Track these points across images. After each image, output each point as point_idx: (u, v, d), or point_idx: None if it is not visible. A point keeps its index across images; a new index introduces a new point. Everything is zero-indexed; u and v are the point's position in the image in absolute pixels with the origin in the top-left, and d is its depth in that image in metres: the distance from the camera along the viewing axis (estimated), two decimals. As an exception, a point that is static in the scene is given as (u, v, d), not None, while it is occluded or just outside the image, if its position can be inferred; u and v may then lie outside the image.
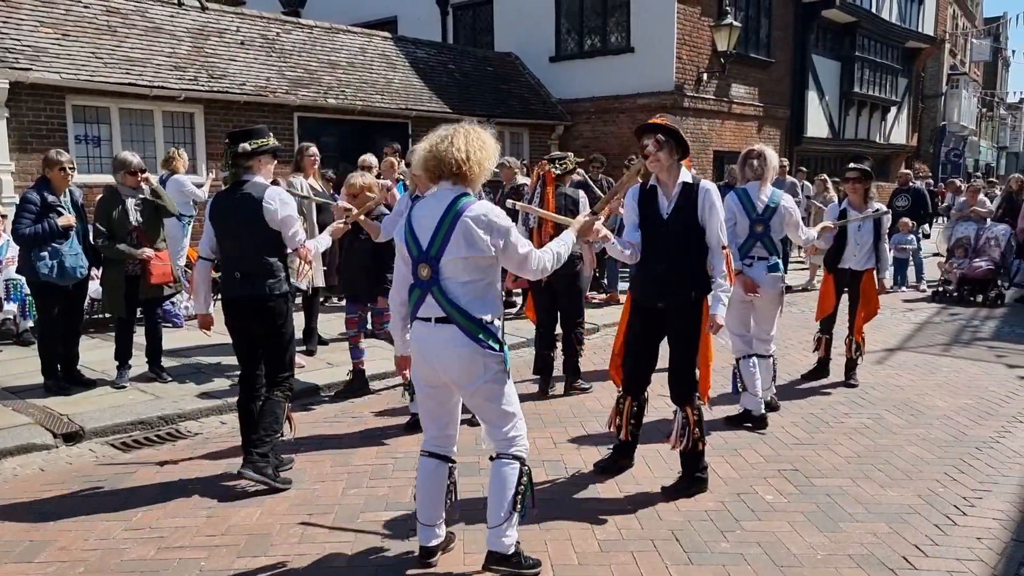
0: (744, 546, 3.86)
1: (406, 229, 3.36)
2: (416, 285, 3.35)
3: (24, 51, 9.23)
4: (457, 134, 3.27)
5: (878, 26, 20.26)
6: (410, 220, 3.36)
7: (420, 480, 3.57)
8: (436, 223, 3.26)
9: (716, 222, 4.30)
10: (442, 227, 3.24)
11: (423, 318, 3.34)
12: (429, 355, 3.34)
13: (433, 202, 3.32)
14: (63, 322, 6.16)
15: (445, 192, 3.29)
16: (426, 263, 3.28)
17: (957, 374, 7.25)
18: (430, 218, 3.28)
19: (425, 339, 3.35)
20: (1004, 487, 4.61)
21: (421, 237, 3.30)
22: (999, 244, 11.61)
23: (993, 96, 44.76)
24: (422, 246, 3.29)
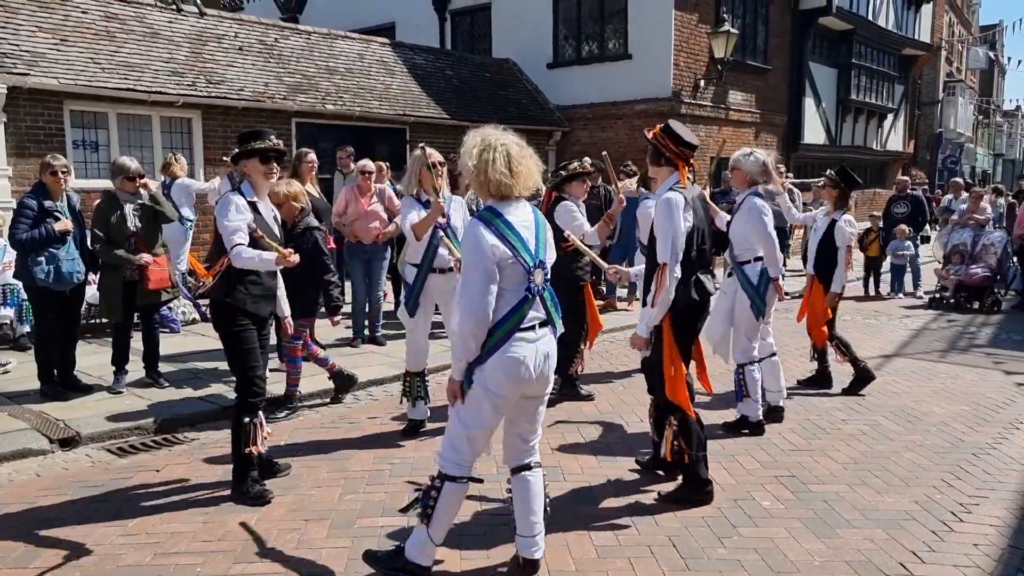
0: (741, 552, 3.86)
1: (512, 236, 3.19)
2: (529, 294, 3.24)
3: (22, 56, 9.23)
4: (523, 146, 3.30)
5: (875, 33, 20.32)
6: (511, 227, 3.21)
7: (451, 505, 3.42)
8: (535, 228, 3.30)
9: (659, 236, 4.17)
10: (540, 231, 3.31)
11: (528, 327, 3.25)
12: (536, 365, 3.27)
13: (522, 207, 3.31)
14: (60, 327, 6.15)
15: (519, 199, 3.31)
16: (541, 268, 3.27)
17: (954, 380, 7.25)
18: (527, 224, 3.28)
19: (529, 349, 3.25)
20: (1001, 493, 4.61)
21: (530, 243, 3.25)
22: (996, 251, 11.64)
23: (989, 103, 44.91)
24: (532, 251, 3.25)
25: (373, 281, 8.12)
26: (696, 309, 4.37)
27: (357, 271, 8.05)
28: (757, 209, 5.43)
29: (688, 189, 4.30)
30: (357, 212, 7.88)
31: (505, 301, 3.22)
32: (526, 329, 3.24)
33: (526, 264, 3.21)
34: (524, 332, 3.23)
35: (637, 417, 6.02)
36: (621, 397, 6.64)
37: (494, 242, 3.14)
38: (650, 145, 4.36)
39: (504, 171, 3.20)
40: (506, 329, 3.21)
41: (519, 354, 3.21)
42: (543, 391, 3.41)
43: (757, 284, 5.51)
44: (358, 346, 8.00)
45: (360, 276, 8.05)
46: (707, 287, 4.37)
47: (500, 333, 3.21)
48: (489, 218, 3.21)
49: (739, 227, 5.55)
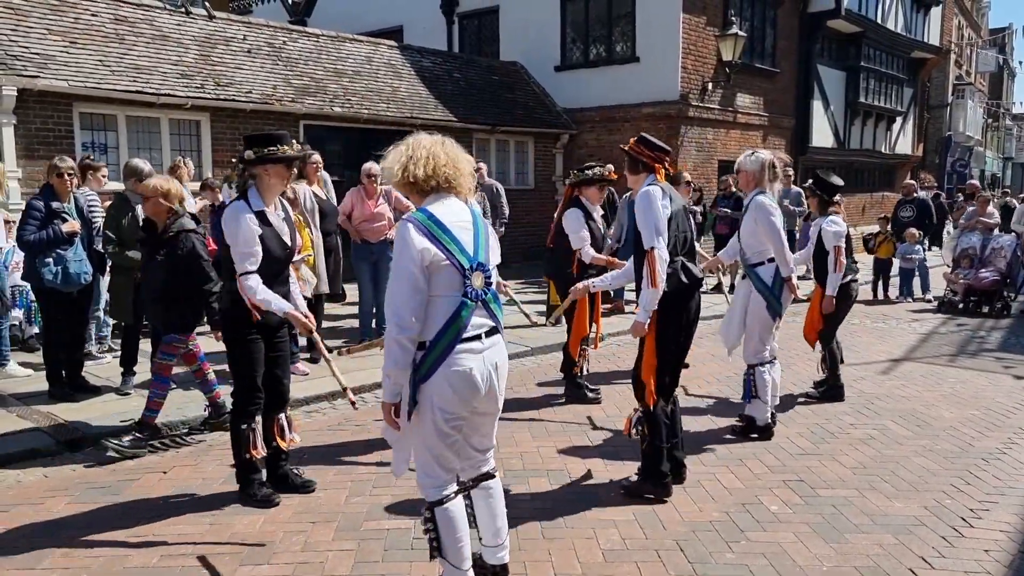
0: (749, 557, 3.83)
1: (445, 237, 2.96)
2: (467, 300, 2.99)
3: (32, 59, 9.28)
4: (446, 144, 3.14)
5: (883, 36, 20.25)
6: (444, 227, 2.98)
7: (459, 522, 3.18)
8: (474, 228, 3.07)
9: (642, 226, 4.23)
10: (480, 231, 3.08)
11: (473, 336, 3.01)
12: (485, 376, 3.04)
13: (457, 206, 3.09)
14: (68, 328, 6.16)
15: (452, 198, 3.10)
16: (480, 271, 3.03)
17: (963, 385, 7.21)
18: (464, 223, 3.06)
19: (476, 360, 3.00)
20: (1011, 499, 4.58)
21: (467, 244, 3.02)
22: (1005, 255, 11.58)
23: (999, 106, 44.74)
24: (470, 253, 3.02)
25: (380, 282, 8.11)
26: (685, 294, 4.40)
27: (363, 272, 8.05)
28: (764, 209, 5.41)
29: (667, 186, 4.45)
30: (363, 214, 7.90)
31: (441, 309, 2.97)
32: (470, 339, 2.99)
33: (461, 267, 2.97)
34: (469, 343, 2.98)
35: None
36: (628, 399, 6.61)
37: (424, 245, 2.92)
38: (627, 156, 4.48)
39: (416, 159, 3.02)
40: (447, 339, 2.96)
41: (464, 366, 2.97)
42: (495, 407, 3.18)
43: (772, 285, 5.49)
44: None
45: (367, 277, 8.05)
46: (693, 271, 4.44)
47: (442, 344, 2.96)
48: (420, 219, 2.97)
49: (748, 228, 5.53)
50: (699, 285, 4.49)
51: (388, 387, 3.03)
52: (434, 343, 2.97)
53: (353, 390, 6.51)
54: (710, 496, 4.57)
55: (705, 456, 5.23)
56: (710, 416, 6.12)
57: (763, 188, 5.49)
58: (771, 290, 5.49)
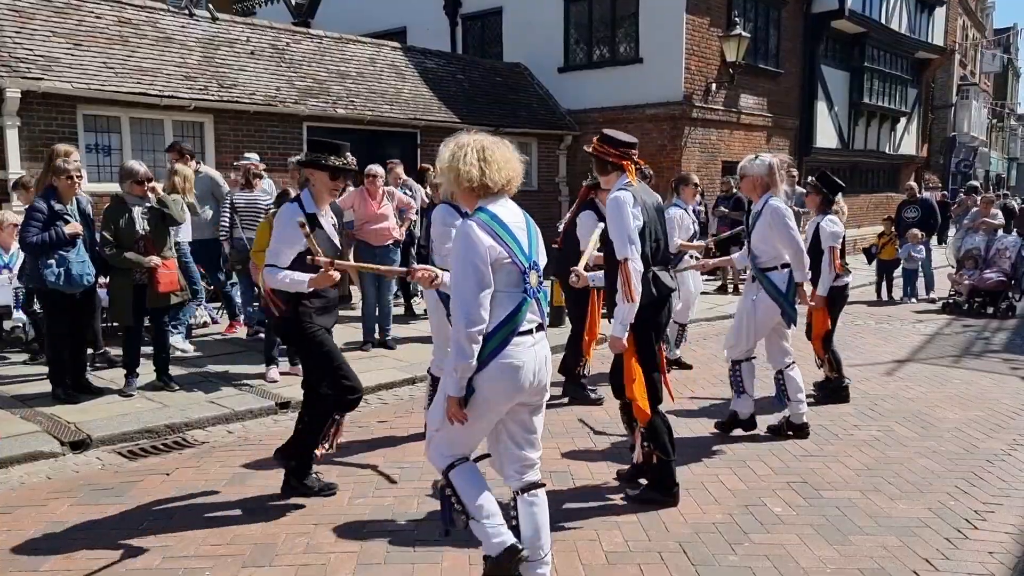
0: (752, 559, 3.82)
1: (507, 236, 3.08)
2: (527, 296, 3.13)
3: (36, 61, 9.30)
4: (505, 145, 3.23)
5: (887, 37, 20.21)
6: (506, 227, 3.10)
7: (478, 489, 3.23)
8: (527, 229, 3.20)
9: (613, 235, 4.16)
10: (532, 232, 3.22)
11: (526, 331, 3.13)
12: (536, 369, 3.15)
13: (512, 208, 3.21)
14: (70, 330, 6.17)
15: (506, 199, 3.22)
16: (535, 269, 3.17)
17: (968, 386, 7.19)
18: (520, 224, 3.18)
19: (529, 353, 3.13)
20: (1016, 500, 4.56)
21: (524, 244, 3.14)
22: (1010, 255, 11.55)
23: (1003, 107, 44.63)
24: (527, 253, 3.14)
25: (383, 284, 8.13)
26: (656, 305, 4.35)
27: (367, 275, 8.05)
28: (780, 213, 5.33)
29: (638, 187, 4.31)
30: (365, 215, 7.90)
31: (502, 304, 3.08)
32: (524, 333, 3.12)
33: (522, 265, 3.10)
34: (522, 336, 3.12)
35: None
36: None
37: (490, 243, 3.02)
38: (593, 158, 4.41)
39: (474, 161, 3.09)
40: (504, 333, 3.07)
41: (519, 359, 3.09)
42: (541, 398, 3.28)
43: (786, 291, 5.42)
44: (368, 350, 8.00)
45: (370, 279, 8.05)
46: (665, 282, 4.39)
47: (498, 337, 3.07)
48: (484, 219, 3.08)
49: (761, 233, 5.44)
50: (670, 296, 4.47)
51: (455, 382, 3.06)
52: (491, 335, 3.06)
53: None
54: (713, 498, 4.56)
55: (708, 458, 5.22)
56: (713, 418, 6.10)
57: (774, 192, 5.42)
58: (784, 296, 5.42)
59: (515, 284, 3.11)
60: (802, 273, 5.47)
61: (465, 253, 3.02)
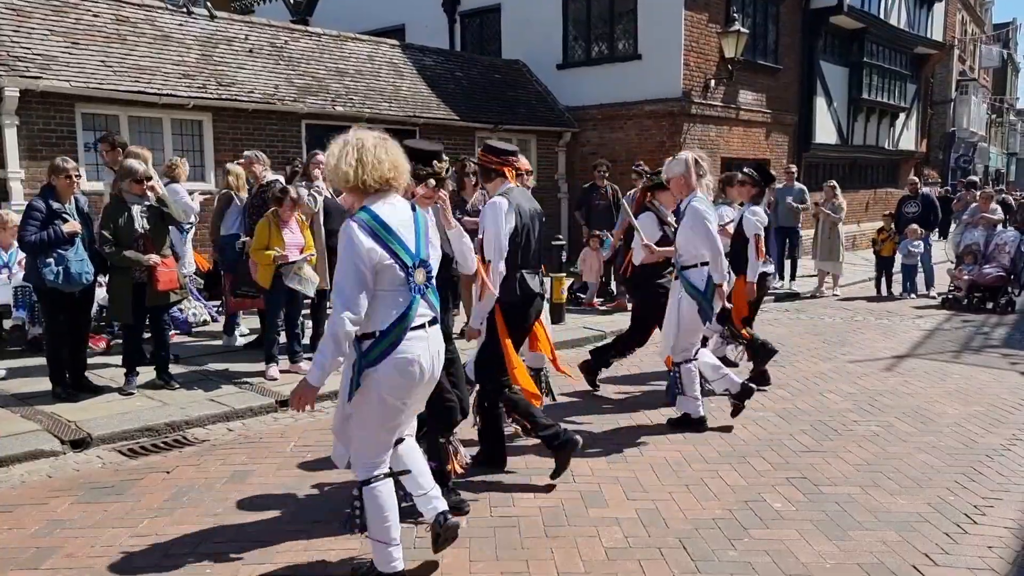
0: (752, 554, 3.83)
1: (389, 237, 3.15)
2: (415, 295, 3.23)
3: (34, 59, 9.28)
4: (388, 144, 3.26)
5: (886, 32, 20.19)
6: (388, 228, 3.16)
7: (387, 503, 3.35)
8: (415, 226, 3.28)
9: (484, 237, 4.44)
10: (420, 229, 3.30)
11: (418, 326, 3.24)
12: (428, 362, 3.28)
13: (400, 206, 3.28)
14: (70, 329, 6.17)
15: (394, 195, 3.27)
16: (422, 267, 3.27)
17: (967, 381, 7.19)
18: (406, 222, 3.25)
19: (422, 347, 3.25)
20: (1015, 495, 4.56)
21: (409, 242, 3.22)
22: (1009, 250, 11.55)
23: (1003, 102, 44.62)
24: (413, 251, 3.23)
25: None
26: (520, 306, 4.70)
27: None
28: (699, 215, 5.47)
29: (517, 192, 4.66)
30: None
31: (393, 303, 3.18)
32: (416, 328, 3.22)
33: (405, 264, 3.18)
34: (415, 331, 3.22)
35: (648, 419, 6.00)
36: (635, 398, 6.61)
37: (370, 245, 3.09)
38: (478, 167, 4.74)
39: (351, 161, 3.13)
40: (398, 331, 3.17)
41: (413, 353, 3.20)
42: (432, 387, 3.45)
43: (704, 289, 5.53)
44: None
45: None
46: (530, 285, 4.70)
47: (392, 336, 3.17)
48: (364, 219, 3.13)
49: (684, 233, 5.57)
50: (533, 298, 4.76)
51: (321, 375, 3.12)
52: (385, 333, 3.16)
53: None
54: (713, 494, 4.57)
55: (708, 454, 5.23)
56: (711, 414, 6.11)
57: (695, 190, 5.58)
58: (703, 294, 5.53)
59: (401, 283, 3.19)
60: (720, 275, 5.52)
61: (346, 254, 3.10)
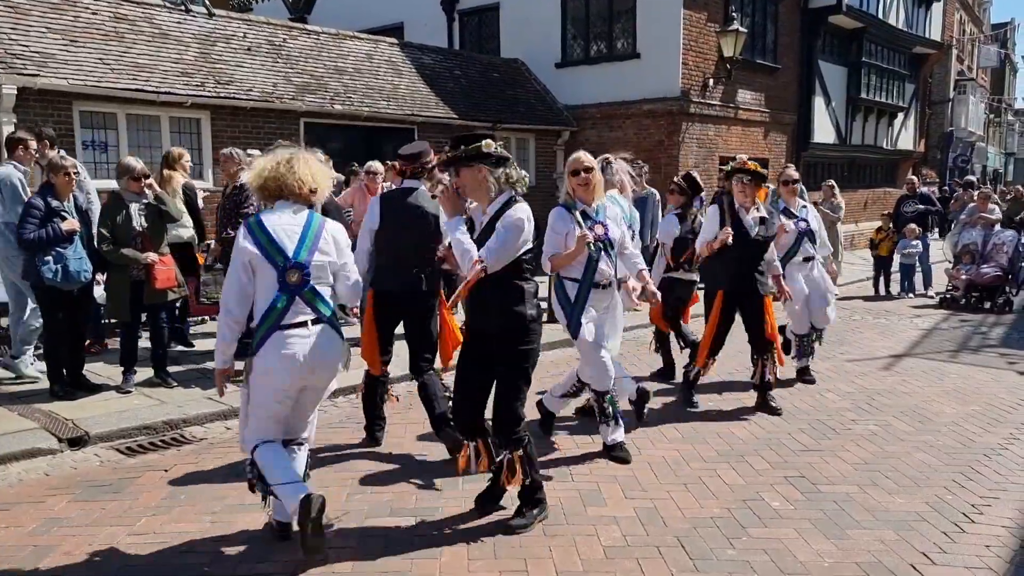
0: (750, 553, 3.83)
1: (264, 239, 3.54)
2: (281, 293, 3.53)
3: (32, 57, 9.27)
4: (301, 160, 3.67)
5: (885, 32, 20.20)
6: (265, 230, 3.56)
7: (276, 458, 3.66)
8: (303, 232, 3.61)
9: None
10: (308, 235, 3.61)
11: (292, 324, 3.53)
12: (302, 358, 3.53)
13: (291, 213, 3.64)
14: (68, 327, 6.16)
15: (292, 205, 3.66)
16: (297, 269, 3.55)
17: (965, 380, 7.20)
18: (292, 227, 3.60)
19: (296, 343, 3.52)
20: (1013, 494, 4.57)
21: (287, 246, 3.56)
22: (1007, 250, 11.56)
23: (1001, 102, 44.64)
24: (290, 254, 3.55)
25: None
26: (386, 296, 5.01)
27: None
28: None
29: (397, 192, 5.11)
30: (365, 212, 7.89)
31: (265, 299, 3.55)
32: (295, 325, 3.53)
33: (277, 264, 3.51)
34: (295, 328, 3.53)
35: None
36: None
37: (244, 244, 3.53)
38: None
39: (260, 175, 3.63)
40: (268, 323, 3.53)
41: (287, 348, 3.51)
42: (318, 383, 3.70)
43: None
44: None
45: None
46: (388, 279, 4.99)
47: (264, 327, 3.54)
48: (250, 224, 3.61)
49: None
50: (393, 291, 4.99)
51: (218, 357, 3.67)
52: (259, 325, 3.56)
53: (355, 388, 6.58)
54: (711, 492, 4.57)
55: (706, 453, 5.23)
56: (709, 411, 6.11)
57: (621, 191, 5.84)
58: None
59: (273, 282, 3.54)
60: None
61: (233, 254, 3.61)
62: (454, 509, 4.31)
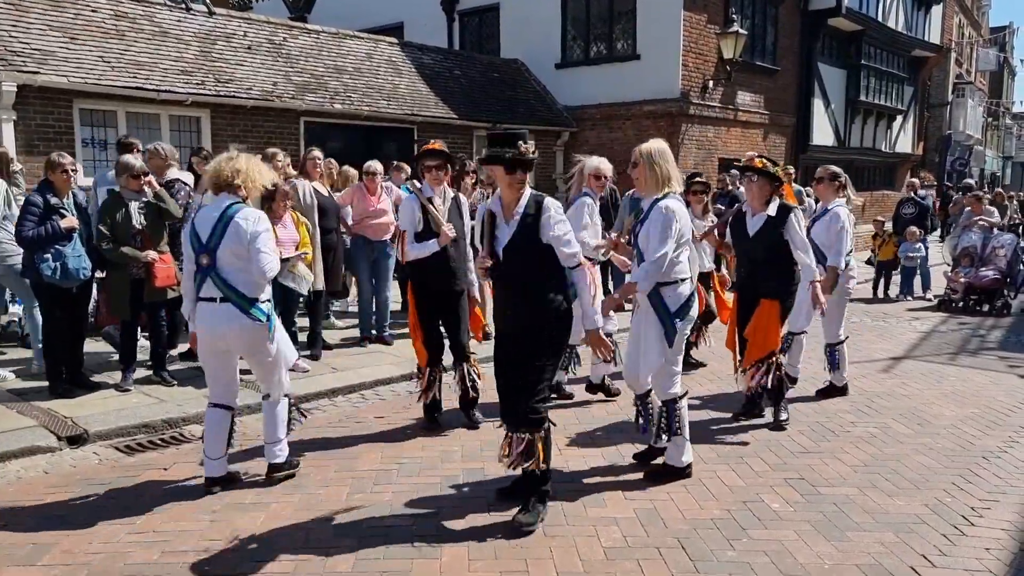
0: (751, 555, 3.83)
1: (189, 228, 4.34)
2: (197, 272, 4.28)
3: (32, 54, 9.26)
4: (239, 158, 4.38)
5: (884, 35, 20.24)
6: (192, 222, 4.35)
7: (209, 426, 4.46)
8: (214, 223, 4.25)
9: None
10: (219, 227, 4.23)
11: (206, 298, 4.28)
12: (214, 328, 4.29)
13: (215, 206, 4.32)
14: (67, 324, 6.15)
15: (223, 200, 4.32)
16: (206, 253, 4.24)
17: (964, 383, 7.21)
18: (208, 219, 4.28)
19: (205, 314, 4.30)
20: (1012, 497, 4.57)
21: (202, 234, 4.26)
22: (1006, 253, 11.57)
23: (999, 105, 44.70)
24: (202, 240, 4.25)
25: (380, 280, 8.12)
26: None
27: (363, 270, 8.05)
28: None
29: None
30: (364, 210, 7.89)
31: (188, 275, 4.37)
32: (205, 299, 4.29)
33: (192, 248, 4.29)
34: (204, 302, 4.30)
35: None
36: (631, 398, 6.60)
37: (185, 232, 4.43)
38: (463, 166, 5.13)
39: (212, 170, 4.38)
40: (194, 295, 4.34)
41: (201, 315, 4.33)
42: (240, 351, 4.45)
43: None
44: (366, 346, 7.99)
45: (366, 274, 8.05)
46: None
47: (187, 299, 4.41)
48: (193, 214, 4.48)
49: None
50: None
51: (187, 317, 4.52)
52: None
53: (352, 388, 6.60)
54: (711, 494, 4.57)
55: (706, 454, 5.22)
56: (710, 412, 6.11)
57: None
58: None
59: (192, 261, 4.32)
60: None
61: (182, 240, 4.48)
62: (455, 509, 4.31)
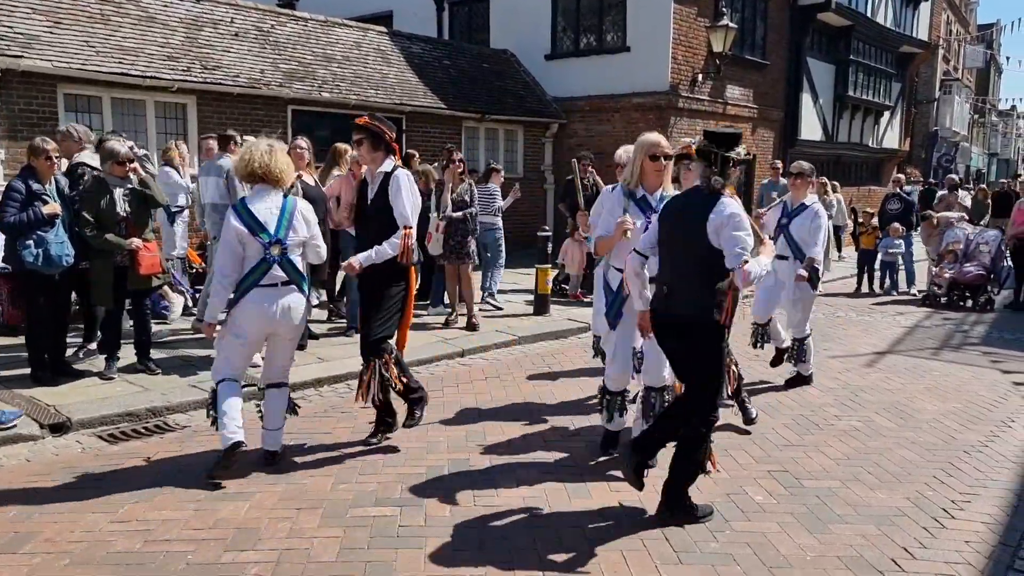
0: (733, 546, 3.86)
1: (251, 220, 4.45)
2: (265, 259, 4.45)
3: (16, 38, 9.14)
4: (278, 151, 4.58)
5: (873, 30, 20.30)
6: (251, 213, 4.46)
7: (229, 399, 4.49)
8: (280, 214, 4.53)
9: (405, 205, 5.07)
10: (284, 217, 4.53)
11: (269, 284, 4.47)
12: (273, 310, 4.47)
13: (272, 197, 4.56)
14: (50, 312, 6.09)
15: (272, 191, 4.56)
16: (278, 244, 4.48)
17: (947, 378, 7.27)
18: (272, 210, 4.52)
19: (269, 298, 4.46)
20: (992, 491, 4.62)
21: (270, 225, 4.48)
22: (990, 249, 11.66)
23: (985, 102, 45.00)
24: (272, 232, 4.47)
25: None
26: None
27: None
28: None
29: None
30: (351, 201, 7.83)
31: (248, 265, 4.46)
32: (268, 286, 4.46)
33: (263, 241, 4.44)
34: (266, 288, 4.46)
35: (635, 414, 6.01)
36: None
37: (237, 225, 4.43)
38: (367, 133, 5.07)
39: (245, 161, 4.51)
40: (249, 282, 4.45)
41: (261, 301, 4.46)
42: (288, 333, 4.65)
43: None
44: (352, 336, 7.96)
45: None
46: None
47: (245, 284, 4.46)
48: (238, 207, 4.52)
49: None
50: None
51: (211, 312, 4.56)
52: (242, 282, 4.48)
53: (338, 378, 6.58)
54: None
55: (691, 446, 5.24)
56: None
57: None
58: None
59: (257, 252, 4.45)
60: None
61: (223, 231, 4.53)
62: (440, 499, 4.31)
